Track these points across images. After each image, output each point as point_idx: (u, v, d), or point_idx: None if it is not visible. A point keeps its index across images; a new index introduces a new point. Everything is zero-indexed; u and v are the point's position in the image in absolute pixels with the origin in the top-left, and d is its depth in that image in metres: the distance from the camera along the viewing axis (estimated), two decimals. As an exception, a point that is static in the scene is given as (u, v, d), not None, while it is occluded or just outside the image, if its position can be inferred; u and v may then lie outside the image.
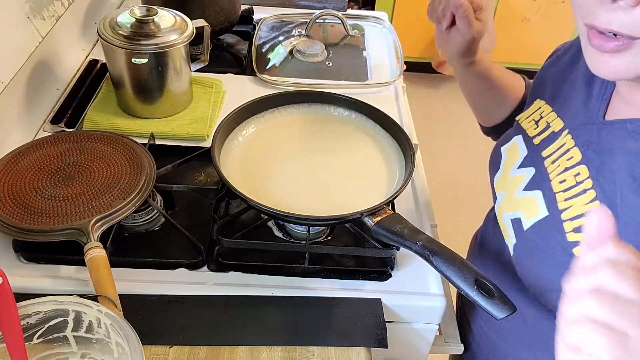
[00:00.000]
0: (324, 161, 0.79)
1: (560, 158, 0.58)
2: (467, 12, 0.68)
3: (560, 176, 0.57)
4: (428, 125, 2.60)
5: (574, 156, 0.57)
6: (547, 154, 0.61)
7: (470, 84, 0.82)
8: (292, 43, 1.14)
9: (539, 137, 0.64)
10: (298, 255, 0.71)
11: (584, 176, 0.55)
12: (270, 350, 0.62)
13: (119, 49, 0.85)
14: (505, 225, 0.65)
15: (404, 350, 0.75)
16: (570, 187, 0.56)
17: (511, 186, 0.65)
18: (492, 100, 0.82)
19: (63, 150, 0.76)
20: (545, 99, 0.66)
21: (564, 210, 0.56)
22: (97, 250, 0.63)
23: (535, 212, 0.59)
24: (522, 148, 0.66)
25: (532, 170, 0.62)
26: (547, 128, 0.63)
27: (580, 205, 0.54)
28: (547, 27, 2.65)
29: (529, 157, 0.64)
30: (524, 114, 0.69)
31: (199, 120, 0.93)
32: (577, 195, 0.55)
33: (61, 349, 0.56)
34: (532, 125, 0.66)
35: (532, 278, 0.61)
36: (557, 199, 0.57)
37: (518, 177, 0.64)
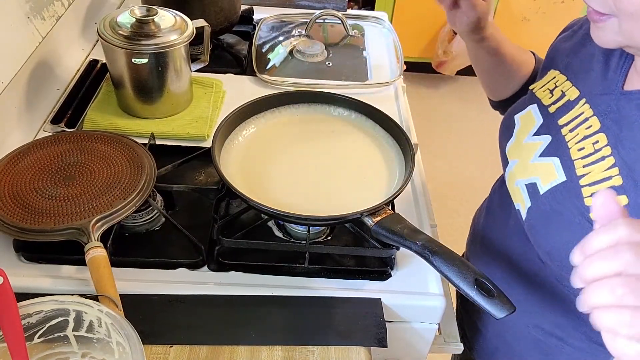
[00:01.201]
0: (324, 161, 0.79)
1: (579, 127, 0.60)
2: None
3: (579, 144, 0.59)
4: (428, 125, 2.60)
5: (592, 125, 0.58)
6: (564, 122, 0.62)
7: (481, 59, 0.84)
8: (292, 43, 1.14)
9: (554, 105, 0.65)
10: (298, 255, 0.71)
11: (602, 144, 0.56)
12: (270, 349, 0.63)
13: (119, 49, 0.85)
14: (518, 190, 0.66)
15: (404, 350, 0.75)
16: (589, 154, 0.57)
17: (526, 153, 0.66)
18: (502, 75, 0.84)
19: (63, 150, 0.76)
20: (560, 69, 0.68)
21: (582, 176, 0.57)
22: (98, 250, 0.63)
23: (553, 177, 0.60)
24: (537, 116, 0.67)
25: (548, 137, 0.63)
26: (562, 97, 0.64)
27: (599, 172, 0.55)
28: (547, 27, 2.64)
29: (545, 125, 0.65)
30: (538, 84, 0.70)
31: (199, 120, 0.93)
32: (596, 162, 0.56)
33: (62, 348, 0.56)
34: (547, 95, 0.67)
35: (545, 241, 0.61)
36: (576, 166, 0.58)
37: (534, 145, 0.65)
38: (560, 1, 2.61)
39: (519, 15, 2.62)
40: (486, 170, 2.43)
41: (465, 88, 2.86)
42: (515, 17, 2.62)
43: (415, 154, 0.76)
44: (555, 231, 0.60)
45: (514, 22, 2.63)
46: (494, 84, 0.87)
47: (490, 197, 0.82)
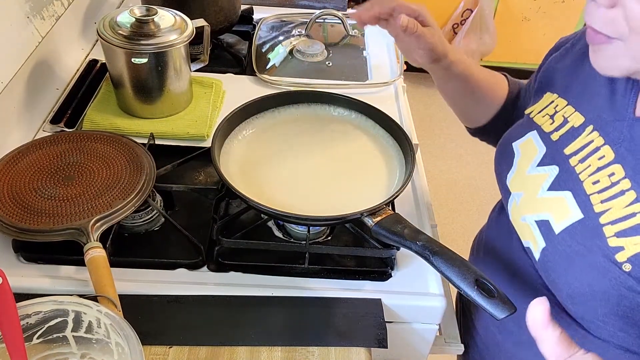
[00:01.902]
0: (324, 161, 0.79)
1: (590, 157, 0.56)
2: (415, 28, 0.67)
3: (593, 177, 0.55)
4: (428, 125, 2.60)
5: (605, 155, 0.54)
6: (571, 152, 0.58)
7: (450, 87, 0.80)
8: (292, 43, 1.14)
9: (556, 132, 0.61)
10: (298, 255, 0.71)
11: (619, 176, 0.52)
12: (270, 350, 0.62)
13: (118, 49, 0.85)
14: (528, 227, 0.62)
15: (404, 351, 0.75)
16: (606, 188, 0.53)
17: (532, 186, 0.61)
18: (475, 100, 0.80)
19: (63, 150, 0.76)
20: (557, 92, 0.64)
21: (602, 214, 0.53)
22: (97, 250, 0.63)
23: (567, 214, 0.56)
24: (539, 145, 0.63)
25: (555, 169, 0.59)
26: (565, 123, 0.60)
27: (620, 208, 0.52)
28: (547, 27, 2.64)
29: (549, 155, 0.61)
30: (535, 108, 0.66)
31: (198, 120, 0.93)
32: (615, 196, 0.52)
33: (61, 349, 0.56)
34: (547, 120, 0.63)
35: (567, 285, 0.57)
36: (592, 201, 0.54)
37: (539, 176, 0.61)
38: (561, 1, 2.61)
39: (519, 15, 2.62)
40: (486, 170, 2.43)
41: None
42: (515, 17, 2.62)
43: (415, 154, 0.76)
44: (577, 274, 0.55)
45: (514, 22, 2.63)
46: (468, 111, 0.84)
47: (489, 226, 0.78)
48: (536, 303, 0.40)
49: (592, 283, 0.54)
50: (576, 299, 0.57)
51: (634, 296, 0.51)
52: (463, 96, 0.80)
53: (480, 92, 0.78)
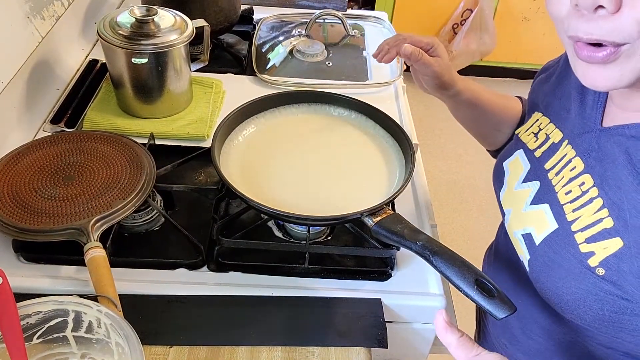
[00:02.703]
0: (324, 161, 0.79)
1: (563, 169, 0.58)
2: (419, 56, 0.73)
3: (566, 187, 0.57)
4: (428, 125, 2.60)
5: (576, 166, 0.57)
6: (550, 166, 0.60)
7: (461, 114, 0.83)
8: (292, 43, 1.14)
9: (539, 149, 0.63)
10: (298, 255, 0.71)
11: (588, 185, 0.54)
12: (270, 350, 0.62)
13: (118, 49, 0.85)
14: (518, 242, 0.64)
15: (404, 351, 0.75)
16: (577, 198, 0.55)
17: (518, 201, 0.64)
18: (488, 125, 0.82)
19: (63, 150, 0.76)
20: (542, 111, 0.67)
21: (573, 222, 0.55)
22: (97, 250, 0.63)
23: (545, 226, 0.58)
24: (524, 162, 0.65)
25: (537, 184, 0.62)
26: (547, 140, 0.63)
27: (589, 215, 0.53)
28: (547, 27, 2.65)
29: (532, 171, 0.63)
30: (523, 127, 0.69)
31: (199, 120, 0.93)
32: (584, 205, 0.54)
33: (61, 349, 0.56)
34: (531, 139, 0.66)
35: (550, 293, 0.59)
36: (565, 211, 0.56)
37: (524, 192, 0.63)
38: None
39: (519, 15, 2.62)
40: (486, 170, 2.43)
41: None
42: (515, 17, 2.62)
43: (415, 154, 0.76)
44: (558, 282, 0.57)
45: (514, 22, 2.63)
46: (484, 135, 0.86)
47: (497, 242, 0.79)
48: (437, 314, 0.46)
49: (573, 290, 0.55)
50: (564, 307, 0.58)
51: (614, 300, 0.52)
52: (475, 122, 0.84)
53: (491, 117, 0.81)
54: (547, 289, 0.59)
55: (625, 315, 0.52)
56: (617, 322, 0.54)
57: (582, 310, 0.55)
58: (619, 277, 0.51)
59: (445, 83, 0.76)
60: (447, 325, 0.46)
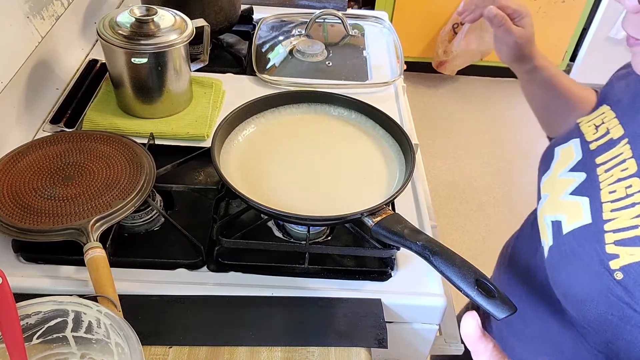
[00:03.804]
0: (324, 161, 0.79)
1: (614, 168, 0.57)
2: (502, 21, 0.72)
3: (612, 186, 0.56)
4: (428, 125, 2.60)
5: (629, 167, 0.56)
6: (602, 161, 0.60)
7: (533, 93, 0.81)
8: (292, 43, 1.14)
9: (596, 142, 0.63)
10: (298, 255, 0.71)
11: (635, 189, 0.54)
12: (270, 350, 0.62)
13: (118, 49, 0.85)
14: (545, 226, 0.64)
15: (404, 351, 0.75)
16: (620, 199, 0.55)
17: (558, 188, 0.64)
18: (557, 111, 0.80)
19: (62, 150, 0.76)
20: (610, 105, 0.66)
21: (608, 221, 0.55)
22: (97, 250, 0.63)
23: (578, 218, 0.58)
24: (577, 151, 0.65)
25: (582, 175, 0.61)
26: (606, 134, 0.62)
27: (626, 219, 0.53)
28: (547, 27, 2.65)
29: (582, 162, 0.63)
30: (586, 118, 0.68)
31: (198, 120, 0.93)
32: (625, 207, 0.54)
33: (61, 349, 0.56)
34: (591, 130, 0.65)
35: (562, 283, 0.59)
36: (603, 209, 0.56)
37: (567, 181, 0.63)
38: (561, 1, 2.61)
39: (519, 15, 2.62)
40: (486, 170, 2.43)
41: (465, 88, 2.86)
42: (515, 17, 2.62)
43: (415, 154, 0.76)
44: (572, 274, 0.57)
45: (514, 22, 2.63)
46: (550, 120, 0.84)
47: (524, 225, 0.79)
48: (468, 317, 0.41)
49: (585, 286, 0.56)
50: (571, 300, 0.58)
51: (621, 306, 0.52)
52: (545, 104, 0.82)
53: (563, 103, 0.79)
54: (560, 279, 0.59)
55: (628, 325, 0.52)
56: (617, 329, 0.54)
57: (587, 308, 0.55)
58: (635, 286, 0.51)
59: (524, 56, 0.75)
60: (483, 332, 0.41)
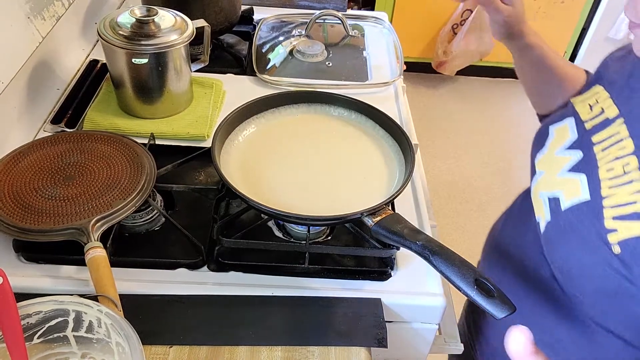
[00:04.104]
0: (324, 161, 0.79)
1: (612, 146, 0.59)
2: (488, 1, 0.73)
3: (609, 164, 0.58)
4: (428, 125, 2.60)
5: (626, 146, 0.57)
6: (598, 140, 0.61)
7: (524, 69, 0.83)
8: (292, 43, 1.14)
9: (591, 122, 0.64)
10: (298, 255, 0.71)
11: (632, 167, 0.55)
12: (270, 350, 0.63)
13: (119, 49, 0.85)
14: (541, 203, 0.66)
15: (404, 350, 0.75)
16: (617, 176, 0.56)
17: (555, 166, 0.66)
18: (547, 88, 0.82)
19: (63, 150, 0.76)
20: (604, 85, 0.67)
21: (606, 198, 0.56)
22: (98, 250, 0.63)
23: (576, 195, 0.60)
24: (572, 131, 0.66)
25: (579, 153, 0.63)
26: (601, 114, 0.63)
27: (625, 195, 0.55)
28: (546, 28, 2.65)
29: (578, 141, 0.64)
30: (580, 97, 0.70)
31: (199, 120, 0.93)
32: (623, 184, 0.55)
33: (61, 348, 0.56)
34: (586, 109, 0.66)
35: (559, 258, 0.61)
36: (602, 186, 0.57)
37: (564, 159, 0.65)
38: (560, 1, 2.61)
39: (519, 16, 2.62)
40: (486, 170, 2.43)
41: (465, 88, 2.86)
42: (515, 17, 2.62)
43: (415, 154, 0.76)
44: (570, 249, 0.59)
45: (514, 22, 2.63)
46: (539, 97, 0.85)
47: (513, 205, 0.81)
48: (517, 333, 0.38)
49: (583, 260, 0.57)
50: (568, 274, 0.60)
51: (618, 279, 0.54)
52: (535, 81, 0.83)
53: (552, 81, 0.80)
54: (557, 254, 0.61)
55: (624, 297, 0.54)
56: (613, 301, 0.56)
57: (584, 281, 0.57)
58: (632, 259, 0.52)
59: (514, 34, 0.77)
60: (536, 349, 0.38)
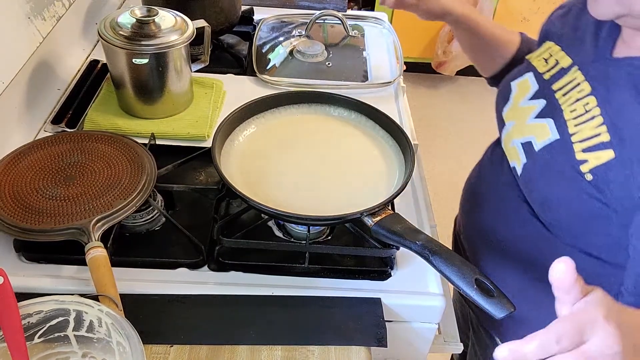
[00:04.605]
0: (324, 161, 0.79)
1: (571, 91, 0.66)
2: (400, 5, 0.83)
3: (571, 106, 0.65)
4: (428, 125, 2.60)
5: (584, 89, 0.65)
6: (558, 87, 0.69)
7: (461, 38, 0.91)
8: (292, 43, 1.14)
9: (548, 73, 0.72)
10: (298, 255, 0.72)
11: (592, 105, 0.63)
12: (270, 349, 0.63)
13: (119, 50, 0.85)
14: (515, 149, 0.72)
15: (404, 350, 0.75)
16: (580, 115, 0.64)
17: (522, 115, 0.73)
18: (483, 54, 0.92)
19: (64, 151, 0.77)
20: (554, 40, 0.75)
21: (574, 134, 0.63)
22: (98, 249, 0.63)
23: (547, 136, 0.67)
24: (533, 83, 0.74)
25: (542, 101, 0.70)
26: (556, 65, 0.71)
27: (589, 129, 0.62)
28: (547, 28, 2.64)
29: (540, 91, 0.72)
30: (534, 54, 0.77)
31: (199, 120, 0.93)
32: (586, 121, 0.62)
33: (62, 348, 0.56)
34: (542, 63, 0.74)
35: (539, 194, 0.68)
36: (568, 125, 0.65)
37: (529, 108, 0.72)
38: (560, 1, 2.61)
39: (519, 16, 2.62)
40: (486, 171, 2.43)
41: (465, 88, 2.86)
42: (515, 17, 2.62)
43: (415, 154, 0.76)
44: (548, 183, 0.66)
45: (514, 22, 2.63)
46: (479, 61, 0.94)
47: (483, 158, 0.89)
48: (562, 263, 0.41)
49: (560, 191, 0.65)
50: (546, 206, 0.68)
51: (593, 202, 0.61)
52: (471, 49, 0.93)
53: (487, 48, 0.89)
54: (536, 190, 0.68)
55: (599, 219, 0.62)
56: (589, 223, 0.64)
57: (562, 210, 0.65)
58: (604, 184, 0.60)
59: (438, 15, 0.85)
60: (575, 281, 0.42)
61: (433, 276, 0.72)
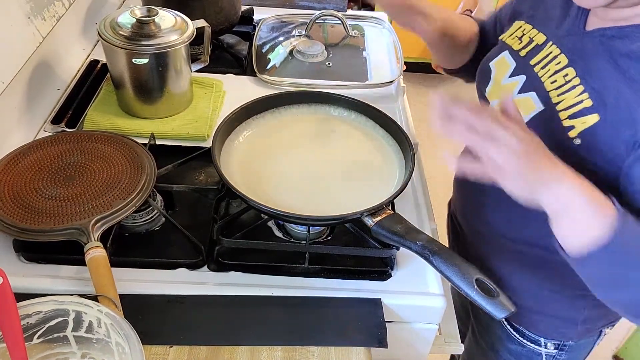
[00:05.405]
0: (324, 161, 0.79)
1: (549, 64, 0.69)
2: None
3: (551, 78, 0.68)
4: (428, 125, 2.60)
5: (561, 61, 0.68)
6: (535, 62, 0.71)
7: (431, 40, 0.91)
8: (292, 43, 1.14)
9: (524, 50, 0.74)
10: (298, 255, 0.71)
11: (571, 76, 0.66)
12: (270, 350, 0.63)
13: (119, 49, 0.85)
14: None
15: (404, 351, 0.75)
16: (561, 85, 0.66)
17: (505, 92, 0.75)
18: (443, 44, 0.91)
19: (63, 151, 0.76)
20: (524, 20, 0.77)
21: (558, 103, 0.66)
22: (98, 250, 0.63)
23: (532, 108, 0.69)
24: (510, 61, 0.76)
25: (523, 77, 0.73)
26: (531, 42, 0.74)
27: (572, 98, 0.65)
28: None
29: (518, 67, 0.74)
30: (507, 34, 0.80)
31: (199, 120, 0.93)
32: (568, 90, 0.65)
33: (61, 348, 0.56)
34: (516, 41, 0.76)
35: None
36: (551, 95, 0.67)
37: (511, 84, 0.74)
38: None
39: (519, 16, 2.62)
40: (486, 171, 2.43)
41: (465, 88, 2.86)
42: (515, 17, 2.62)
43: (415, 154, 0.76)
44: None
45: (515, 22, 2.63)
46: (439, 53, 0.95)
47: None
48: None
49: None
50: None
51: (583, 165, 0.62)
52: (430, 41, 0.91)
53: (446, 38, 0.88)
54: None
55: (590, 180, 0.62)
56: None
57: None
58: (591, 147, 0.63)
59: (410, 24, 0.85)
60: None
61: (433, 276, 0.72)
